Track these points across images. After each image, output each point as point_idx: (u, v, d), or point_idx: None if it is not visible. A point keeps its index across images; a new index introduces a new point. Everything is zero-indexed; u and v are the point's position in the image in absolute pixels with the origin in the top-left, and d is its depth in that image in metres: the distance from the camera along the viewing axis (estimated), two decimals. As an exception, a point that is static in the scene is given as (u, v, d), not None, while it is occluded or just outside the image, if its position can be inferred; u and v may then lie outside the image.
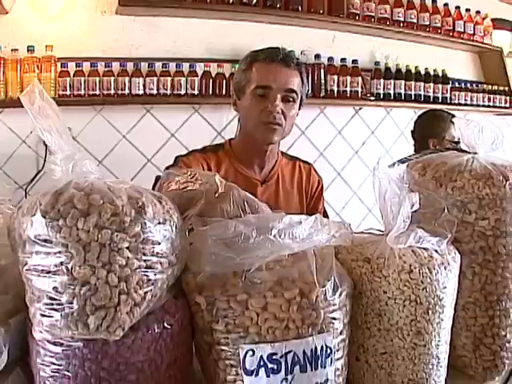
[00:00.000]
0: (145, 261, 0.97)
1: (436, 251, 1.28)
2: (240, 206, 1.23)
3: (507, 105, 4.67)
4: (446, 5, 4.28)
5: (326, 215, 2.30)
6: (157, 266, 0.99)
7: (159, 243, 1.00)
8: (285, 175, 2.22)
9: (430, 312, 1.24)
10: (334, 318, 1.12)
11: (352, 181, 4.06)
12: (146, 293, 0.97)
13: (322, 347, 1.09)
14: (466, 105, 4.42)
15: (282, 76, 2.02)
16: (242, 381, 1.07)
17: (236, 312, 1.06)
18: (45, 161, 3.01)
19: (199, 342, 1.13)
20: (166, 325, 1.03)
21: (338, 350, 1.15)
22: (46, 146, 1.07)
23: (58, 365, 0.95)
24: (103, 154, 3.24)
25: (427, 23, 4.14)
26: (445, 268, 1.26)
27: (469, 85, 4.52)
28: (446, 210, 1.37)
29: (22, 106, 0.98)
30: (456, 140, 3.06)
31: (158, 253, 0.99)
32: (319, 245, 1.14)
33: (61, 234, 0.90)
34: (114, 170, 3.19)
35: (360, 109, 4.09)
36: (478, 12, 4.52)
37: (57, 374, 0.95)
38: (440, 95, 4.26)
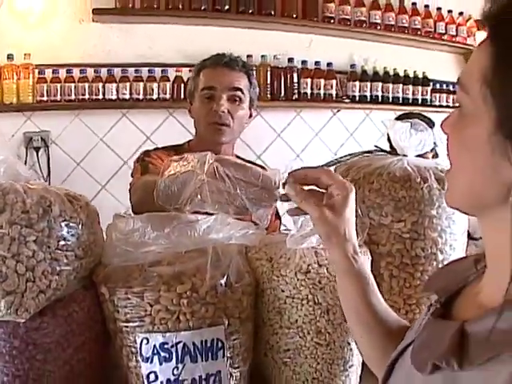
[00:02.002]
0: (50, 253, 1.07)
1: None
2: (229, 177, 1.20)
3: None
4: (426, 6, 4.27)
5: (277, 216, 2.32)
6: (62, 258, 1.09)
7: (65, 238, 1.10)
8: None
9: (329, 313, 1.25)
10: (226, 314, 1.17)
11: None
12: (50, 281, 1.07)
13: (212, 340, 1.15)
14: (447, 106, 4.41)
15: (226, 77, 2.11)
16: (141, 367, 1.15)
17: (133, 303, 1.13)
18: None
19: (108, 330, 1.21)
20: (71, 312, 1.13)
21: (234, 344, 1.20)
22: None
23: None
24: (81, 156, 3.34)
25: (406, 25, 4.14)
26: None
27: (451, 86, 4.47)
28: (359, 212, 1.39)
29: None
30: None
31: (63, 246, 1.10)
32: (216, 243, 1.20)
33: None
34: (92, 172, 3.33)
35: (338, 111, 4.11)
36: (461, 13, 4.49)
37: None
38: (420, 97, 4.27)
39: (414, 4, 4.21)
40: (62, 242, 1.10)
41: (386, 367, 0.88)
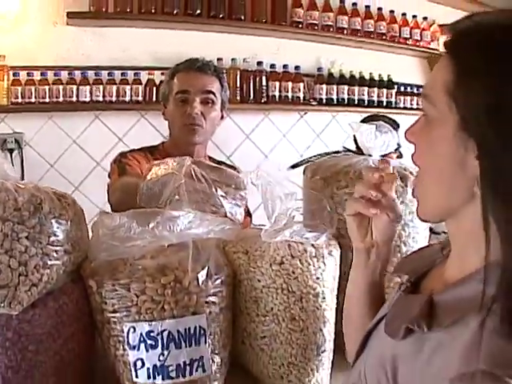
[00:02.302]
0: (41, 248, 1.12)
1: (312, 245, 1.38)
2: (206, 178, 1.34)
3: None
4: (391, 12, 4.36)
5: (248, 214, 2.39)
6: (52, 253, 1.15)
7: (55, 234, 1.15)
8: None
9: (303, 301, 1.35)
10: (208, 302, 1.25)
11: (298, 181, 4.12)
12: (42, 275, 1.12)
13: (195, 327, 1.23)
14: (411, 109, 4.51)
15: (199, 81, 2.21)
16: (128, 355, 1.22)
17: (120, 294, 1.20)
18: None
19: (95, 321, 1.27)
20: (61, 303, 1.19)
21: (215, 332, 1.28)
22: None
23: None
24: (54, 158, 3.36)
25: (372, 30, 4.22)
26: (318, 260, 1.36)
27: (415, 89, 4.59)
28: (327, 208, 1.47)
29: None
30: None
31: (53, 242, 1.15)
32: (196, 237, 1.28)
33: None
34: (65, 173, 3.34)
35: (305, 113, 4.20)
36: (425, 18, 4.60)
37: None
38: (385, 99, 4.36)
39: (379, 9, 4.30)
40: (53, 238, 1.15)
41: (361, 340, 0.99)
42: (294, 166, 1.73)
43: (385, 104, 4.38)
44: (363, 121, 3.40)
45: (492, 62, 0.73)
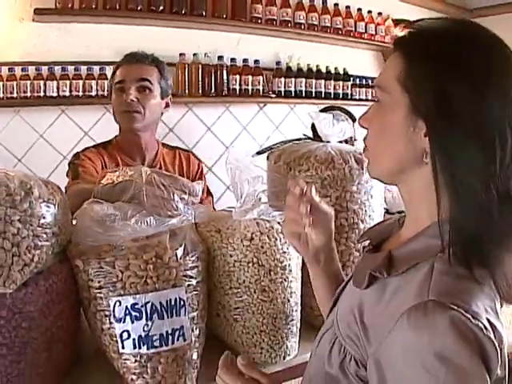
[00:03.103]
0: (32, 231, 1.21)
1: (278, 223, 1.51)
2: (164, 185, 1.44)
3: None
4: (347, 7, 4.41)
5: (209, 193, 2.54)
6: (42, 235, 1.23)
7: (44, 217, 1.23)
8: (167, 163, 2.46)
9: (271, 273, 1.47)
10: (186, 276, 1.37)
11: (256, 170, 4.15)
12: (33, 256, 1.20)
13: (176, 299, 1.34)
14: (366, 100, 4.61)
15: (134, 70, 2.31)
16: (114, 328, 1.33)
17: (105, 271, 1.30)
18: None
19: (81, 299, 1.37)
20: (51, 282, 1.27)
21: (193, 303, 1.40)
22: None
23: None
24: (22, 152, 3.35)
25: (328, 25, 4.28)
26: (283, 235, 1.47)
27: (370, 81, 4.67)
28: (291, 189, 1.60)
29: None
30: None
31: (43, 224, 1.23)
32: (171, 227, 1.39)
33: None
34: (33, 167, 3.29)
35: (264, 105, 4.26)
36: (379, 13, 4.68)
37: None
38: (341, 92, 4.44)
39: (336, 5, 4.35)
40: (42, 221, 1.23)
41: (333, 299, 1.16)
42: (259, 153, 1.82)
43: (341, 96, 4.46)
44: (321, 112, 3.52)
45: (435, 54, 0.90)
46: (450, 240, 0.88)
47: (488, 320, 0.81)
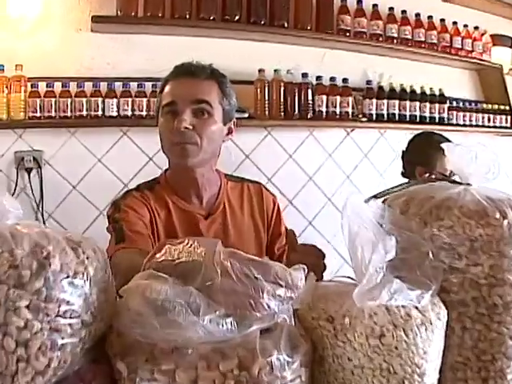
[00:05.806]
0: (49, 322, 0.88)
1: (416, 308, 1.14)
2: (241, 274, 1.05)
3: (508, 125, 4.58)
4: (442, 20, 4.26)
5: (288, 236, 2.08)
6: (65, 328, 0.90)
7: (68, 301, 0.91)
8: (232, 202, 2.06)
9: (405, 382, 1.11)
10: None
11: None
12: (50, 359, 0.88)
13: None
14: (464, 125, 4.36)
15: (187, 88, 1.90)
16: None
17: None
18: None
19: None
20: None
21: None
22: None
23: None
24: (77, 178, 3.23)
25: (422, 39, 4.11)
26: (426, 329, 1.11)
27: (467, 104, 4.45)
28: (431, 255, 1.24)
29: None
30: (448, 173, 2.90)
31: (65, 312, 0.90)
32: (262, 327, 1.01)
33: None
34: (89, 196, 3.22)
35: (352, 130, 4.08)
36: (476, 28, 4.49)
37: None
38: (437, 115, 4.20)
39: (430, 17, 4.21)
40: (65, 307, 0.90)
41: None
42: (376, 197, 1.46)
43: (437, 120, 4.22)
44: (413, 138, 3.28)
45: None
46: None
47: None
